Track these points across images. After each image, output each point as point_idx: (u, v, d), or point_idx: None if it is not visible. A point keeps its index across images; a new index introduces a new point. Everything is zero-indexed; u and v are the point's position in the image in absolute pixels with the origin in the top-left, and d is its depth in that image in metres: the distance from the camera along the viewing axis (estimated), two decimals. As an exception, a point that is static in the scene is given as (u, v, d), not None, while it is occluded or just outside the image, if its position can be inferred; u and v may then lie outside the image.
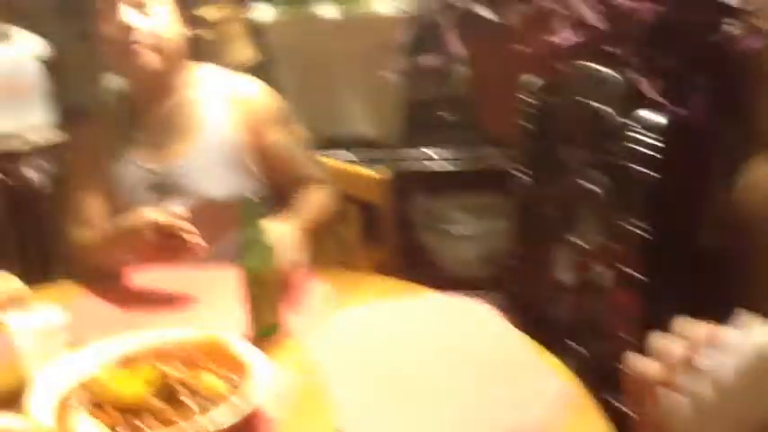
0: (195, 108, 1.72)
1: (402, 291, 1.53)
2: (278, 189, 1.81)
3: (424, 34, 1.89)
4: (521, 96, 1.64)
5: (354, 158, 2.14)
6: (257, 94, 1.75)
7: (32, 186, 2.38)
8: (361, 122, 2.13)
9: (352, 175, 1.92)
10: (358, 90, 2.09)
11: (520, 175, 1.62)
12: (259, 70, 2.11)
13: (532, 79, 1.61)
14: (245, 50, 2.05)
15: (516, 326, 1.37)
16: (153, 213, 1.47)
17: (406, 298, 1.49)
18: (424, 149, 2.16)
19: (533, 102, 1.58)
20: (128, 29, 1.60)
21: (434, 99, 2.26)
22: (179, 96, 1.73)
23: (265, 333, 1.38)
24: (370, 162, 2.13)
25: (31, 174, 2.38)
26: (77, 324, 1.32)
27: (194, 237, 1.45)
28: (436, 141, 2.19)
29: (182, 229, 1.45)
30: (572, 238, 1.54)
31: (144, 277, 1.60)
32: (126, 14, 1.60)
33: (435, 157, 2.16)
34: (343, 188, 1.81)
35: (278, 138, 1.74)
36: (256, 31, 2.09)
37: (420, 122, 2.22)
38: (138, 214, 1.49)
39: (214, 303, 1.51)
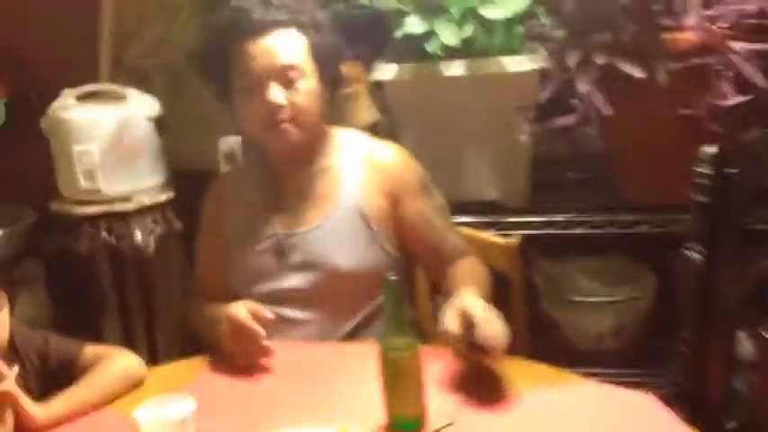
0: (332, 175, 1.67)
1: (549, 378, 1.38)
2: (415, 261, 1.71)
3: (559, 92, 1.77)
4: (693, 166, 1.49)
5: (474, 221, 2.01)
6: (396, 161, 1.68)
7: (140, 249, 2.33)
8: (486, 184, 2.01)
9: (479, 241, 1.79)
10: (483, 151, 1.98)
11: (690, 251, 1.46)
12: (379, 130, 2.02)
13: (704, 147, 1.46)
14: (367, 110, 1.96)
15: (688, 421, 1.21)
16: (239, 309, 1.49)
17: (556, 388, 1.34)
18: (552, 213, 2.02)
19: (706, 171, 1.43)
20: (277, 107, 1.58)
21: (562, 158, 2.12)
22: (317, 164, 1.68)
23: (403, 426, 1.26)
24: (489, 226, 2.01)
25: (139, 236, 2.33)
26: (204, 411, 1.23)
27: (263, 340, 1.47)
28: (564, 203, 2.04)
29: (252, 331, 1.46)
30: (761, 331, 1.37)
31: (275, 350, 1.51)
32: (275, 93, 1.57)
33: (561, 220, 2.01)
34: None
35: (416, 207, 1.65)
36: (377, 90, 2.00)
37: (546, 183, 2.09)
38: (231, 307, 1.51)
39: (349, 385, 1.40)
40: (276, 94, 1.58)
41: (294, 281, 1.63)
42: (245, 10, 1.58)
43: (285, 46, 1.59)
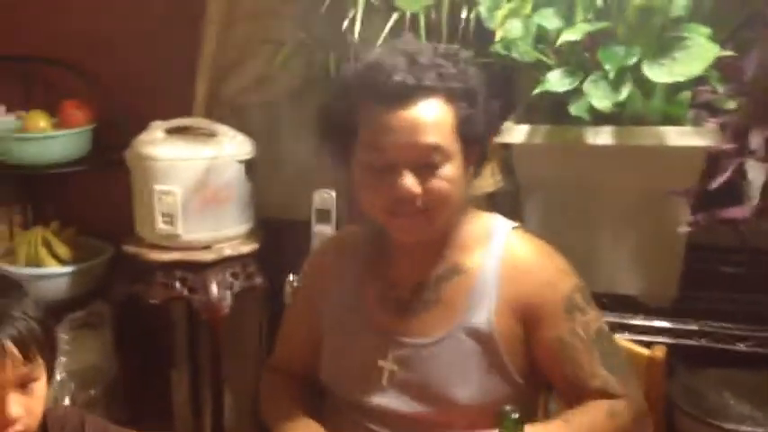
0: (462, 280, 1.34)
1: None
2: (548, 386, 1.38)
3: (727, 176, 1.44)
4: None
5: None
6: (540, 272, 1.32)
7: (215, 305, 2.09)
8: (624, 276, 1.68)
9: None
10: (626, 236, 1.67)
11: None
12: (501, 200, 1.72)
13: None
14: (490, 176, 1.67)
15: None
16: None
17: None
18: (703, 319, 1.67)
19: None
20: (409, 197, 1.26)
21: (720, 247, 1.76)
22: (447, 261, 1.36)
23: None
24: (623, 328, 1.66)
25: (215, 290, 2.09)
26: None
27: None
28: (719, 305, 1.69)
29: None
30: None
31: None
32: (410, 181, 1.25)
33: (714, 330, 1.66)
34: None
35: (556, 333, 1.30)
36: (503, 154, 1.70)
37: (698, 278, 1.73)
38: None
39: None
40: (411, 181, 1.26)
41: (396, 402, 1.32)
42: (385, 69, 1.25)
43: (430, 121, 1.26)
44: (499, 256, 1.33)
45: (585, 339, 1.29)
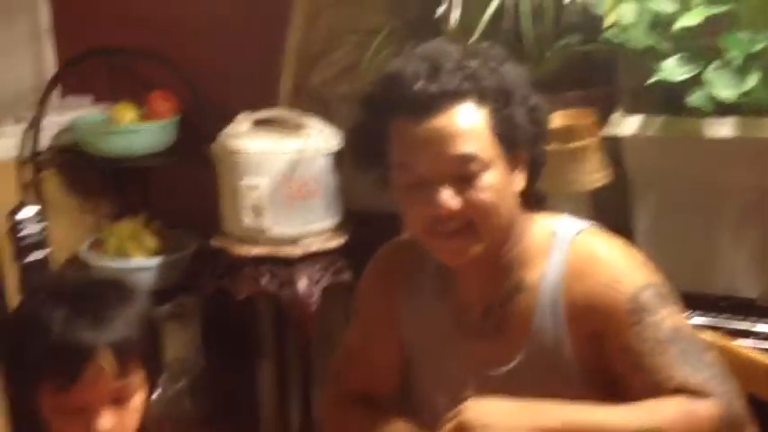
0: (527, 297, 1.23)
1: None
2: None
3: None
4: None
5: (720, 324, 1.56)
6: (603, 271, 1.19)
7: (303, 300, 2.04)
8: (744, 278, 1.57)
9: (732, 356, 1.33)
10: (746, 235, 1.55)
11: None
12: (609, 196, 1.61)
13: None
14: (598, 170, 1.57)
15: None
16: None
17: None
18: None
19: None
20: (446, 215, 1.16)
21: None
22: (510, 279, 1.24)
23: None
24: (741, 334, 1.54)
25: (303, 285, 2.04)
26: None
27: None
28: None
29: None
30: None
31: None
32: (445, 196, 1.15)
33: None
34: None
35: (623, 343, 1.16)
36: (610, 147, 1.60)
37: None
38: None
39: None
40: (447, 195, 1.15)
41: None
42: (406, 80, 1.15)
43: (460, 129, 1.15)
44: (562, 263, 1.21)
45: (658, 341, 1.14)
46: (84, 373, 1.06)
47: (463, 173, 1.15)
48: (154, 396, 1.19)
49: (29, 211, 2.29)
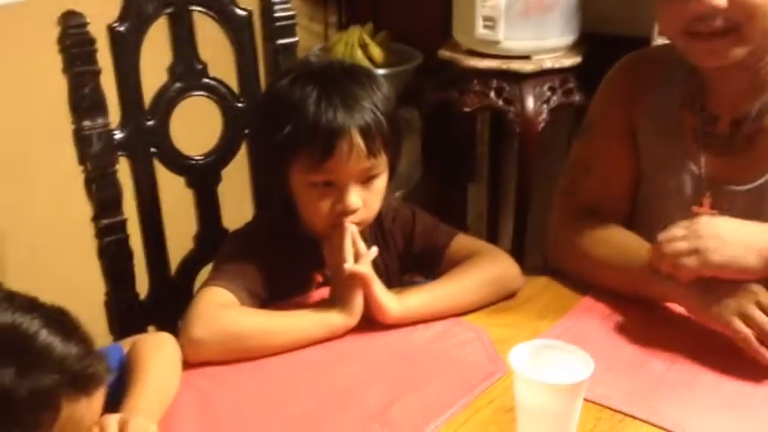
0: None
1: None
2: None
3: None
4: None
5: None
6: None
7: (529, 118, 1.98)
8: None
9: None
10: None
11: None
12: None
13: None
14: None
15: None
16: None
17: None
18: None
19: None
20: (710, 10, 1.09)
21: None
22: (766, 94, 1.17)
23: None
24: None
25: (532, 103, 1.98)
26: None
27: None
28: None
29: None
30: None
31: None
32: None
33: None
34: None
35: None
36: None
37: None
38: None
39: None
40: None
41: None
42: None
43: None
44: None
45: None
46: (338, 150, 1.10)
47: None
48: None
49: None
